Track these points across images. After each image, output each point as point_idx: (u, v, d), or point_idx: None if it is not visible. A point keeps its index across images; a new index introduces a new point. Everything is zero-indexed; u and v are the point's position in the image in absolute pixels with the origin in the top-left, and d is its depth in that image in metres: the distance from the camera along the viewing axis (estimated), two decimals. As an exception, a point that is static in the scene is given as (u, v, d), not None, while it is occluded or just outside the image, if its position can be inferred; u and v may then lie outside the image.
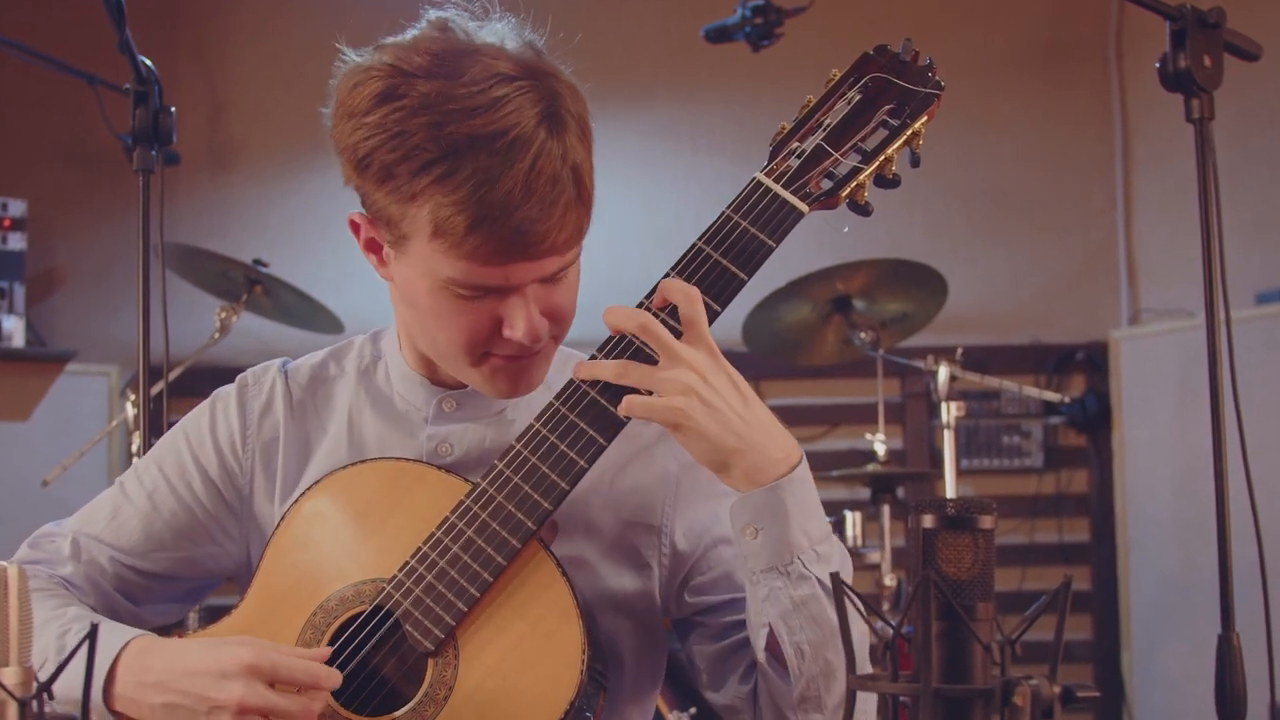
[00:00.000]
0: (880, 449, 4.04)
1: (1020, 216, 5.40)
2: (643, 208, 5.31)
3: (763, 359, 4.49)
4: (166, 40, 5.52)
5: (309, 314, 4.29)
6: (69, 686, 1.22)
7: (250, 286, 4.14)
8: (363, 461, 1.67)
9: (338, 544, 1.63)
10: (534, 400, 1.68)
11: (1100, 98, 5.41)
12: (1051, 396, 4.44)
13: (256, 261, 4.13)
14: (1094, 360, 5.27)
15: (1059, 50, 5.48)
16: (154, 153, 2.39)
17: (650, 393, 1.53)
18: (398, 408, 1.75)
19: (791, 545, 1.54)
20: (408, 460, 1.66)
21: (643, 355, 1.56)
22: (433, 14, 1.59)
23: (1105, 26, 5.42)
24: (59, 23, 5.22)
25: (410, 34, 1.58)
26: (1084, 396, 5.24)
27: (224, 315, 4.06)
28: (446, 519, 1.56)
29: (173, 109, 2.39)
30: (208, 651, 1.51)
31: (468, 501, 1.56)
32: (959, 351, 3.88)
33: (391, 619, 1.55)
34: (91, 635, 1.16)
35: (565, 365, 1.73)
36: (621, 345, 1.57)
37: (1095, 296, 5.39)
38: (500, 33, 1.57)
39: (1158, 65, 1.94)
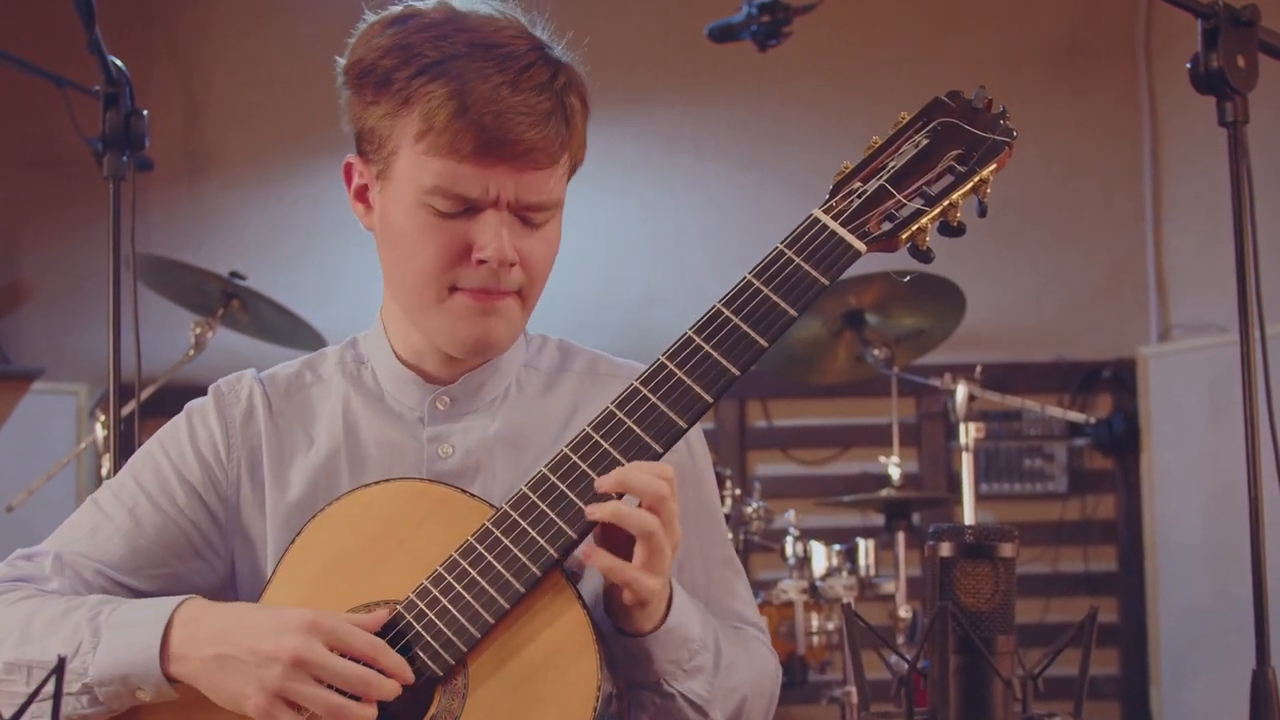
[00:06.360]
0: (895, 472, 4.05)
1: (1043, 226, 5.40)
2: (642, 216, 5.29)
3: (771, 377, 4.49)
4: (139, 40, 5.53)
5: (289, 329, 4.29)
6: (113, 661, 1.54)
7: (227, 300, 4.15)
8: (384, 481, 1.69)
9: (354, 563, 1.64)
10: (527, 391, 1.80)
11: (1128, 100, 5.42)
12: (1076, 417, 4.45)
13: (233, 274, 4.14)
14: (1121, 379, 5.27)
15: (1084, 49, 5.49)
16: (125, 158, 2.40)
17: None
18: (391, 408, 1.79)
19: (657, 672, 1.63)
20: (430, 481, 1.68)
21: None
22: None
23: (1133, 24, 5.43)
24: (25, 21, 5.24)
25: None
26: (1110, 417, 5.24)
27: (199, 331, 4.07)
28: (466, 542, 1.58)
29: (145, 112, 2.40)
30: (267, 611, 1.58)
31: (489, 525, 1.58)
32: (978, 369, 3.88)
33: (402, 641, 1.56)
34: (59, 669, 1.16)
35: (593, 382, 1.81)
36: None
37: (1122, 311, 5.39)
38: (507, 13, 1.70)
39: (1189, 66, 1.95)
